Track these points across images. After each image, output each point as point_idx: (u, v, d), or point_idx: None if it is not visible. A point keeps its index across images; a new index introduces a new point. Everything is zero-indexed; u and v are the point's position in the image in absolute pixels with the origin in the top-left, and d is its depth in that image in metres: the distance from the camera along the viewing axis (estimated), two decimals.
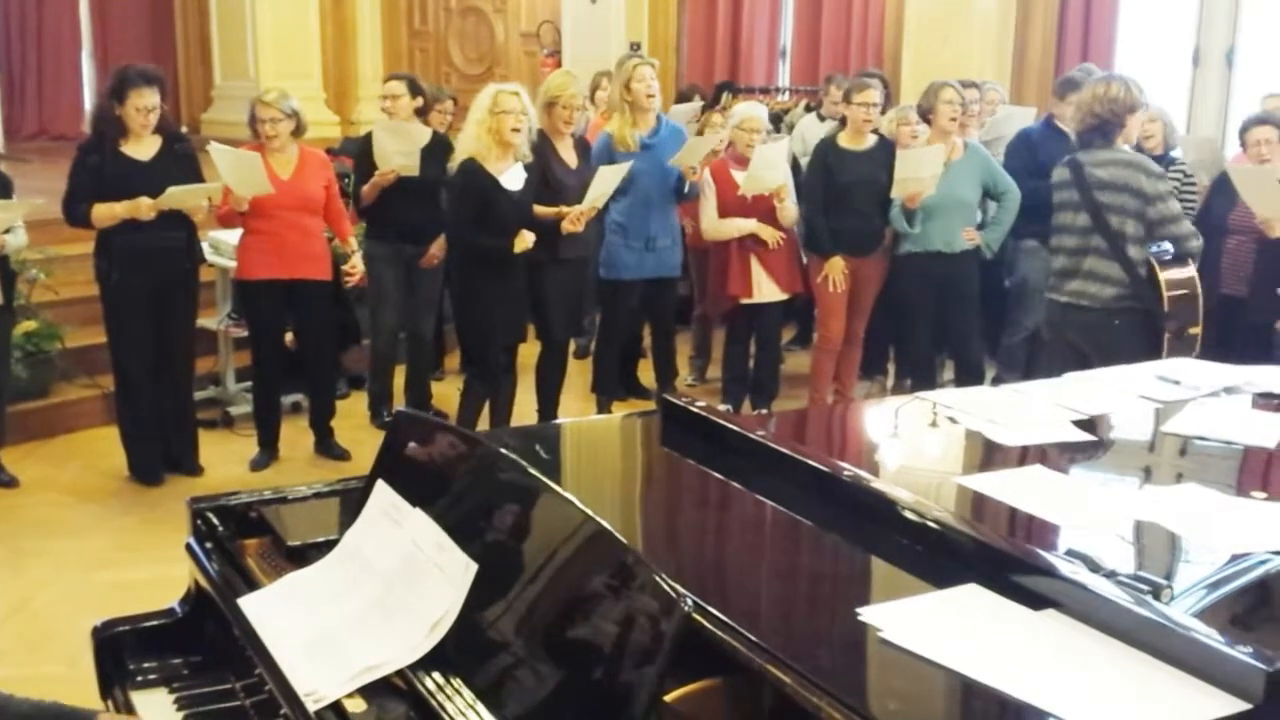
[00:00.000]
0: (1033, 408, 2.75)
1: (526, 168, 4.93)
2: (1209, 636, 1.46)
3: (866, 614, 1.63)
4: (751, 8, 8.88)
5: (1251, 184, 5.20)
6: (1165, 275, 4.33)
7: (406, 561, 1.86)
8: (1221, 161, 5.93)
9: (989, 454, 2.50)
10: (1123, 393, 2.89)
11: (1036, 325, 6.11)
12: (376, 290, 5.55)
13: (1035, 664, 1.50)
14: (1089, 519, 2.08)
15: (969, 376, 5.71)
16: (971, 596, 1.69)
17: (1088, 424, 2.65)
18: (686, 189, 5.61)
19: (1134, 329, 4.31)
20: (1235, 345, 5.07)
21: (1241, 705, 1.39)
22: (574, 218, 5.03)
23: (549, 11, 9.82)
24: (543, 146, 5.14)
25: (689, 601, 1.47)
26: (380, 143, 5.40)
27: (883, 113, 5.81)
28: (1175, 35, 7.81)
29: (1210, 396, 2.89)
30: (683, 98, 7.91)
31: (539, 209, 5.03)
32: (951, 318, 5.73)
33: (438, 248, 5.55)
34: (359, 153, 5.59)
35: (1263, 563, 1.94)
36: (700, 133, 6.33)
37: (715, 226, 5.69)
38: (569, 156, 5.29)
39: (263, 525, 2.27)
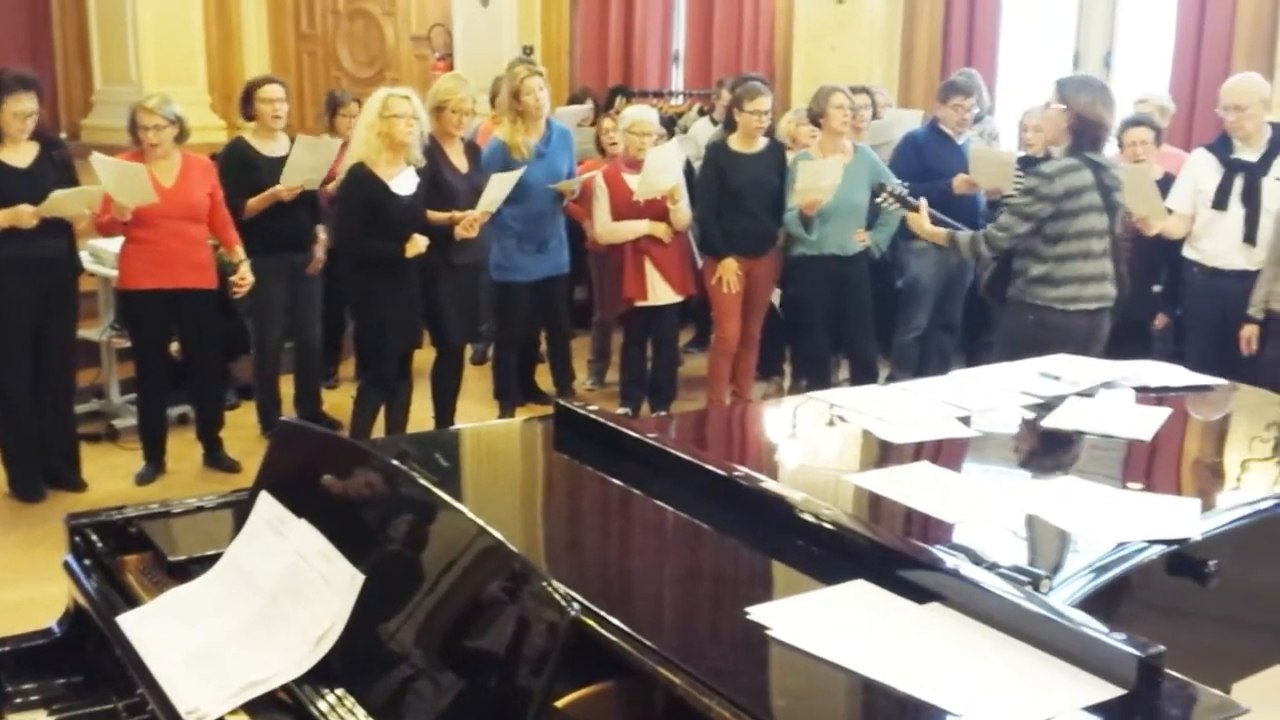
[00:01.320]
0: (920, 406, 2.80)
1: (419, 172, 4.89)
2: (1084, 625, 1.50)
3: (756, 613, 1.64)
4: (644, 12, 8.92)
5: (1129, 183, 5.36)
6: None
7: (291, 574, 1.83)
8: None
9: (878, 452, 2.54)
10: (1006, 389, 2.96)
11: (928, 324, 6.25)
12: (261, 302, 5.42)
13: (918, 657, 1.52)
14: (973, 513, 2.13)
15: (863, 376, 5.79)
16: (858, 592, 1.71)
17: (973, 420, 2.71)
18: (563, 204, 5.66)
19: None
20: (1115, 341, 5.23)
21: (1116, 691, 1.42)
22: (467, 223, 5.00)
23: (440, 14, 9.74)
24: (432, 151, 5.09)
25: (576, 607, 1.46)
26: (296, 157, 5.27)
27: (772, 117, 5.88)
28: (1056, 39, 8.04)
29: (1090, 391, 2.97)
30: (575, 101, 7.91)
31: (431, 214, 4.99)
32: (846, 318, 5.82)
33: (321, 251, 5.47)
34: (229, 162, 5.41)
35: (1139, 551, 2.00)
36: (597, 138, 6.34)
37: (609, 230, 5.70)
38: (459, 161, 5.25)
39: (144, 541, 2.21)
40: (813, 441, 2.77)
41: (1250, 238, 5.13)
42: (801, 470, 2.62)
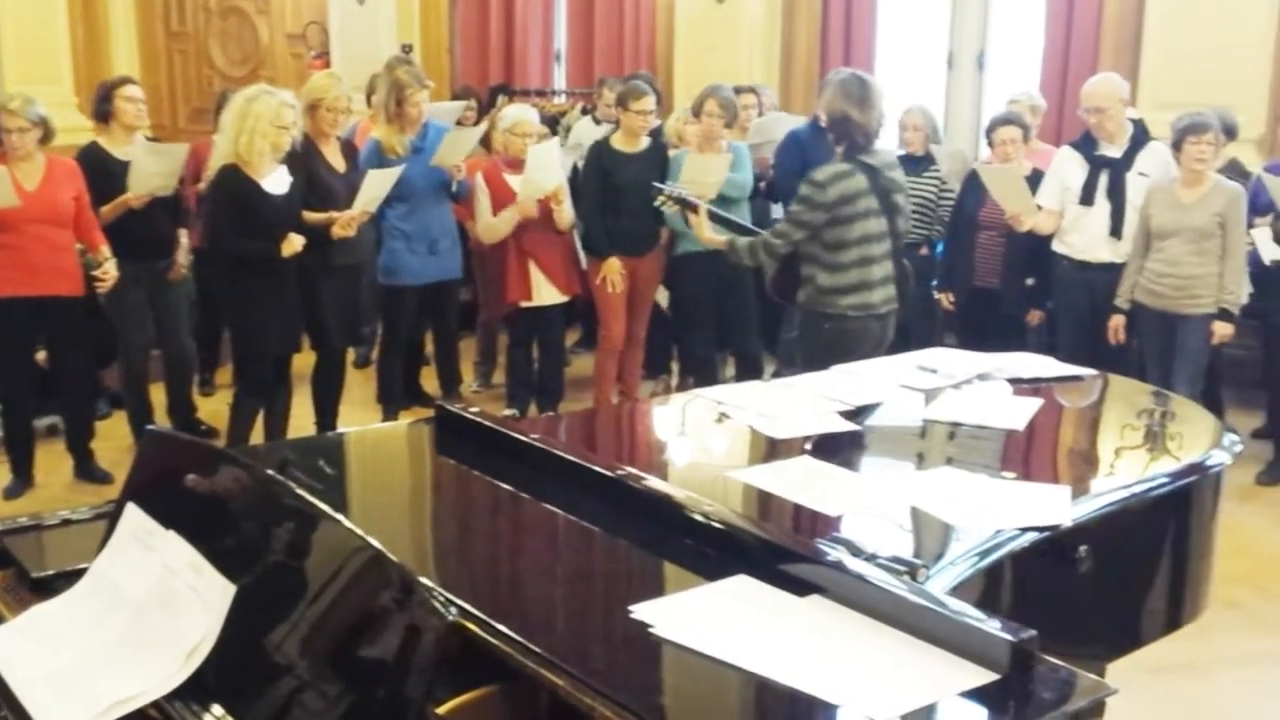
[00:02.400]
0: (801, 400, 2.83)
1: (292, 171, 4.79)
2: (959, 613, 1.52)
3: (639, 611, 1.63)
4: (524, 10, 8.86)
5: (999, 182, 5.51)
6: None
7: (160, 587, 1.77)
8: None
9: (761, 447, 2.56)
10: (885, 382, 3.01)
11: None
12: (121, 310, 5.24)
13: (798, 649, 1.53)
14: (853, 505, 2.16)
15: (749, 372, 5.84)
16: (740, 587, 1.71)
17: (853, 414, 2.75)
18: (455, 187, 5.55)
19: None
20: (990, 335, 5.36)
21: (991, 676, 1.45)
22: (344, 222, 4.91)
23: (315, 12, 9.55)
24: (308, 151, 4.99)
25: (454, 611, 1.44)
26: (140, 164, 5.10)
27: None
28: (930, 39, 8.21)
29: (966, 383, 3.04)
30: (457, 100, 7.83)
31: (308, 215, 4.88)
32: (731, 316, 5.86)
33: (183, 256, 5.33)
34: (87, 166, 5.21)
35: (1012, 539, 2.04)
36: (486, 137, 6.28)
37: (489, 226, 5.62)
38: (335, 160, 5.16)
39: (5, 556, 2.11)
40: (697, 439, 2.78)
41: (1116, 231, 5.31)
42: (686, 467, 2.63)
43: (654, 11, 8.35)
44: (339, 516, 1.67)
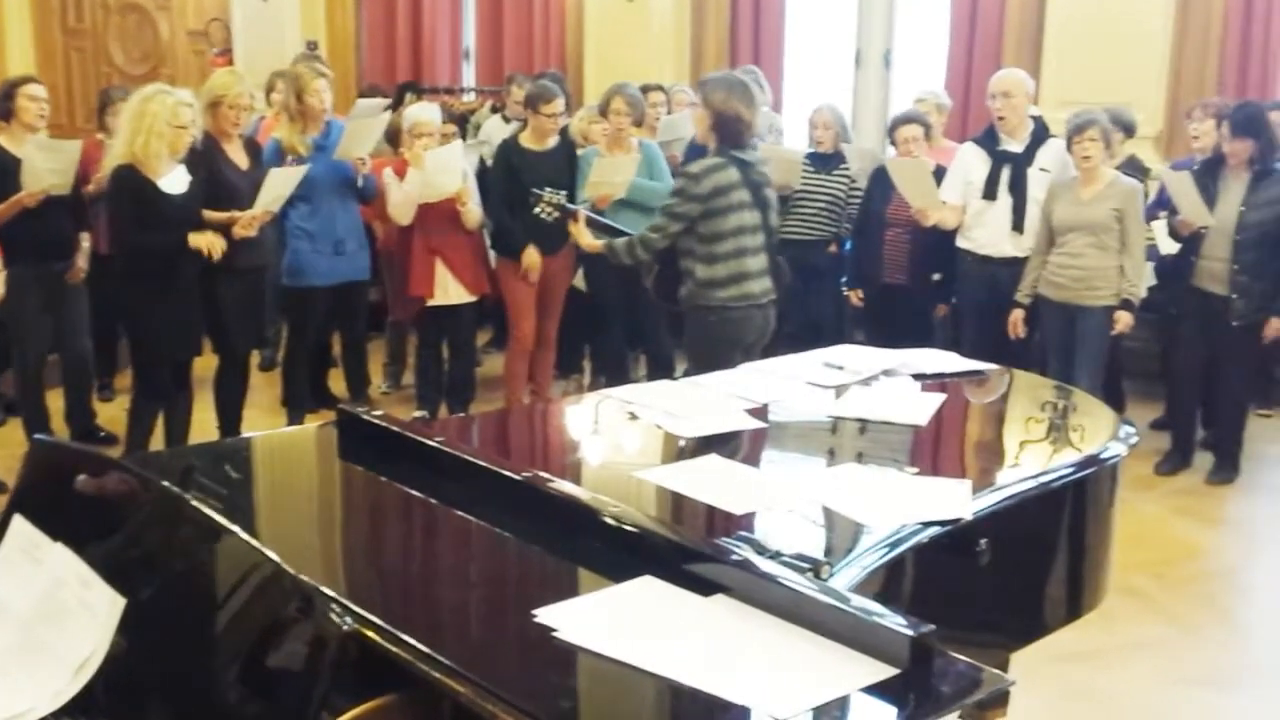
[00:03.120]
0: (709, 399, 2.83)
1: (192, 170, 4.69)
2: (860, 609, 1.53)
3: (543, 615, 1.62)
4: (432, 7, 8.77)
5: (906, 175, 5.58)
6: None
7: (47, 600, 1.71)
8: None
9: (669, 446, 2.56)
10: (792, 379, 3.02)
11: None
12: (17, 315, 5.08)
13: (702, 649, 1.53)
14: (759, 503, 2.16)
15: (660, 370, 5.85)
16: (645, 588, 1.71)
17: (760, 411, 2.76)
18: (361, 182, 5.47)
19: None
20: (899, 330, 5.43)
21: (891, 670, 1.46)
22: (245, 222, 4.81)
23: (218, 8, 9.36)
24: (210, 149, 4.89)
25: (349, 621, 1.41)
26: (32, 161, 4.95)
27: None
28: (838, 37, 8.30)
29: (871, 380, 3.06)
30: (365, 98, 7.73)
31: (209, 214, 4.78)
32: (642, 314, 5.86)
33: (84, 259, 5.20)
34: None
35: (915, 534, 2.06)
36: (391, 133, 6.20)
37: (398, 207, 5.50)
38: (239, 159, 5.05)
39: None
40: (605, 439, 2.77)
41: (1018, 226, 5.41)
42: (594, 468, 2.62)
43: (563, 9, 8.32)
44: (233, 526, 1.63)
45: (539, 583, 1.87)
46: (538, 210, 4.98)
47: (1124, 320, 5.11)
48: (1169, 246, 5.43)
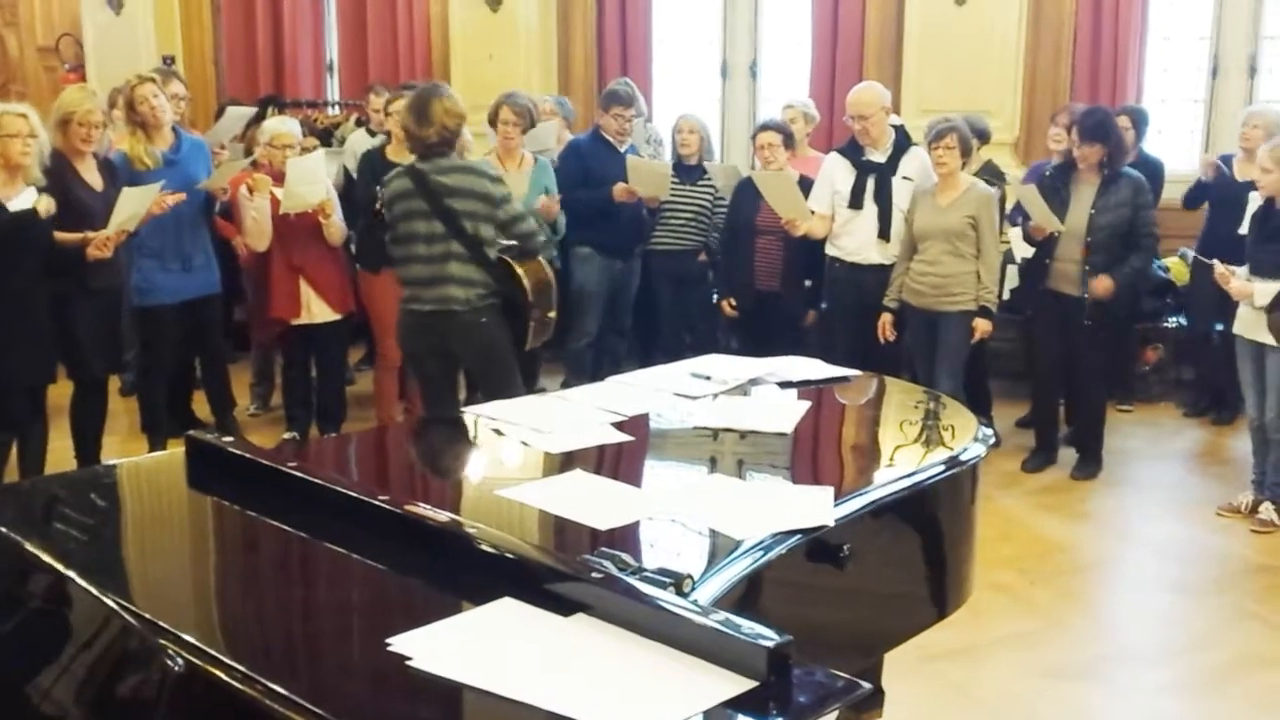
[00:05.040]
0: (575, 413, 2.80)
1: (42, 191, 4.50)
2: (718, 622, 1.52)
3: (397, 644, 1.57)
4: (293, 19, 8.59)
5: (773, 187, 5.65)
6: (521, 268, 4.42)
7: None
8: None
9: (533, 463, 2.52)
10: (658, 391, 3.01)
11: (599, 329, 6.34)
12: None
13: (561, 671, 1.50)
14: (623, 517, 2.14)
15: (535, 384, 5.81)
16: (503, 611, 1.67)
17: (627, 424, 2.74)
18: (217, 208, 5.35)
19: (499, 322, 4.41)
20: (772, 337, 5.48)
21: (750, 683, 1.45)
22: (99, 243, 4.65)
23: (68, 23, 9.04)
24: (61, 168, 4.71)
25: (180, 661, 1.34)
26: None
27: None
28: (705, 48, 8.37)
29: (737, 389, 3.07)
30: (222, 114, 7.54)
31: (60, 236, 4.61)
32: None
33: None
34: None
35: (779, 543, 2.06)
36: (248, 150, 6.06)
37: (252, 233, 5.40)
38: (92, 178, 4.88)
39: None
40: (472, 457, 2.73)
41: (884, 234, 5.51)
42: (459, 487, 2.57)
43: (428, 20, 8.24)
44: (68, 571, 1.55)
45: (394, 610, 1.82)
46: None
47: (981, 327, 5.24)
48: (1025, 251, 5.58)
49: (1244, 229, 5.07)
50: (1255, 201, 4.99)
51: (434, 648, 1.56)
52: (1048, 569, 4.60)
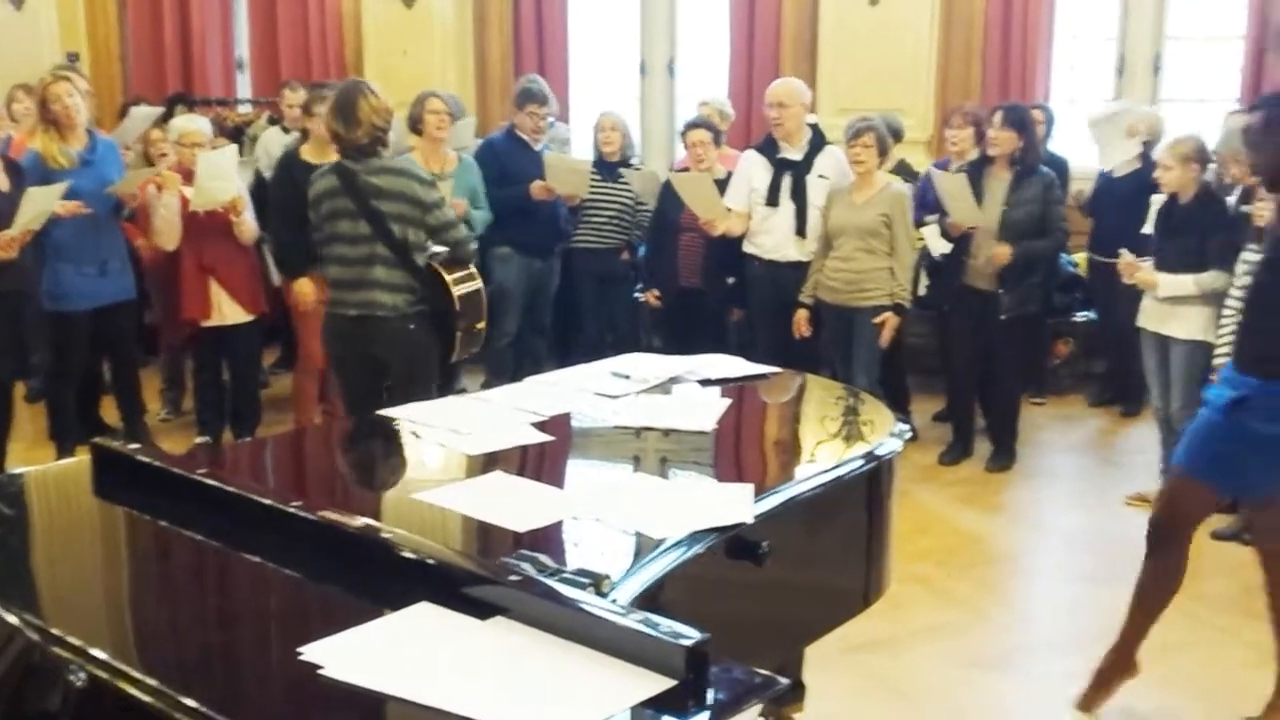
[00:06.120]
0: (494, 414, 2.78)
1: None
2: (636, 622, 1.51)
3: (309, 652, 1.54)
4: (201, 15, 8.43)
5: (691, 189, 5.67)
6: (450, 276, 4.32)
7: None
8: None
9: (451, 465, 2.50)
10: (579, 391, 3.00)
11: (519, 329, 6.31)
12: None
13: (479, 675, 1.49)
14: (543, 518, 2.12)
15: (456, 385, 5.75)
16: (420, 616, 1.65)
17: (547, 425, 2.72)
18: (127, 212, 5.23)
19: (428, 330, 4.28)
20: (695, 334, 5.50)
21: (669, 682, 1.44)
22: (4, 243, 4.53)
23: None
24: None
25: (83, 675, 1.31)
26: None
27: None
28: (623, 46, 8.37)
29: (658, 387, 3.07)
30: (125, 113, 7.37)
31: None
32: None
33: None
34: None
35: (698, 541, 2.06)
36: (144, 151, 5.93)
37: (162, 232, 5.29)
38: None
39: None
40: (390, 460, 2.70)
41: (801, 231, 5.56)
42: (376, 490, 2.54)
43: (340, 16, 8.13)
44: None
45: (307, 617, 1.79)
46: None
47: (890, 322, 5.30)
48: (941, 247, 5.65)
49: (1149, 228, 5.18)
50: (1159, 200, 5.11)
51: (346, 655, 1.53)
52: (965, 560, 4.67)
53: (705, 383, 3.16)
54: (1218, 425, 3.19)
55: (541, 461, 2.57)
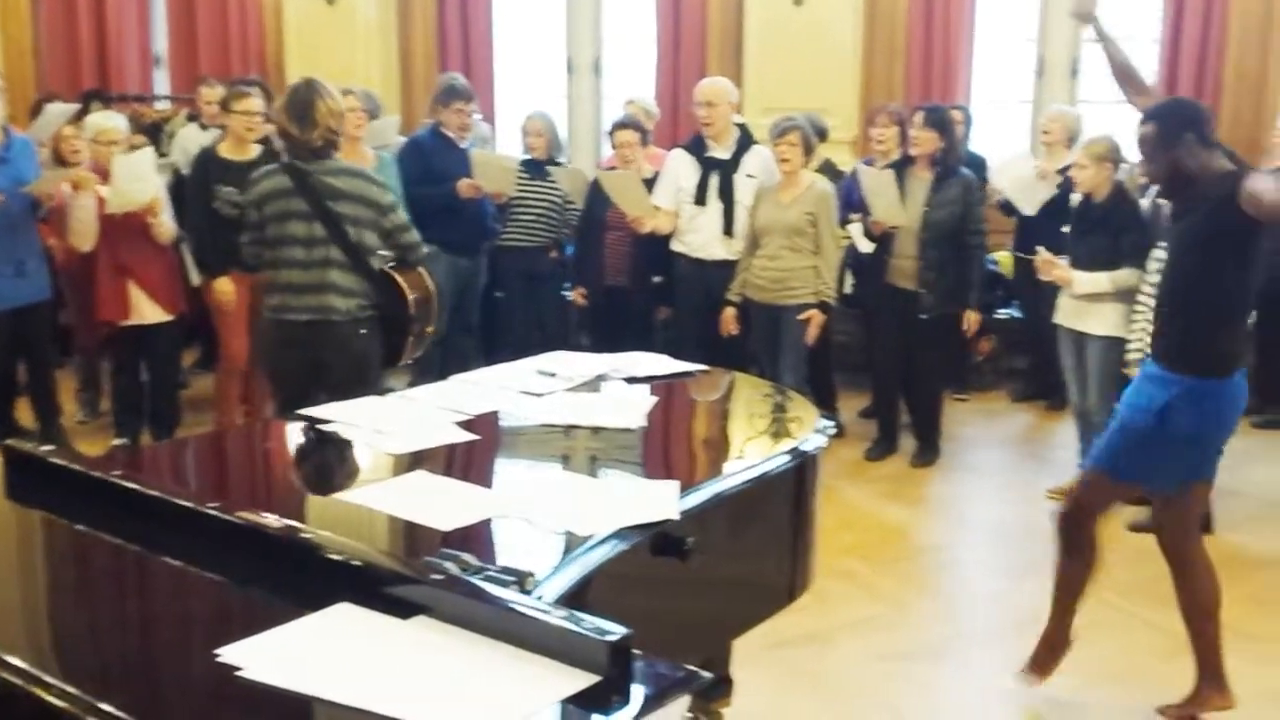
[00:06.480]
0: (418, 413, 2.76)
1: None
2: (559, 619, 1.51)
3: (227, 654, 1.52)
4: (117, 9, 8.24)
5: (618, 187, 5.68)
6: (404, 280, 4.22)
7: None
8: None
9: (374, 465, 2.47)
10: (504, 389, 2.98)
11: (447, 328, 6.25)
12: None
13: (400, 675, 1.47)
14: (468, 517, 2.11)
15: (382, 385, 5.69)
16: (341, 616, 1.63)
17: (472, 423, 2.71)
18: (42, 212, 5.12)
19: (375, 334, 4.15)
20: (623, 333, 5.51)
21: (593, 678, 1.44)
22: None
23: None
24: None
25: None
26: None
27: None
28: (549, 44, 8.35)
29: (584, 385, 3.06)
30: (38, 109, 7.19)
31: None
32: None
33: None
34: None
35: (624, 538, 2.06)
36: (54, 150, 5.80)
37: (79, 233, 5.17)
38: None
39: None
40: (312, 460, 2.66)
41: (729, 230, 5.59)
42: (297, 491, 2.51)
43: (260, 11, 8.02)
44: None
45: (227, 619, 1.76)
46: (217, 206, 4.78)
47: (816, 321, 5.35)
48: (866, 246, 5.71)
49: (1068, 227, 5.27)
50: (1075, 198, 5.20)
51: (265, 657, 1.51)
52: (890, 555, 4.72)
53: (632, 380, 3.15)
54: (1148, 429, 3.25)
55: (467, 460, 2.56)
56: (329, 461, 2.63)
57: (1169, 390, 3.22)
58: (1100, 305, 4.88)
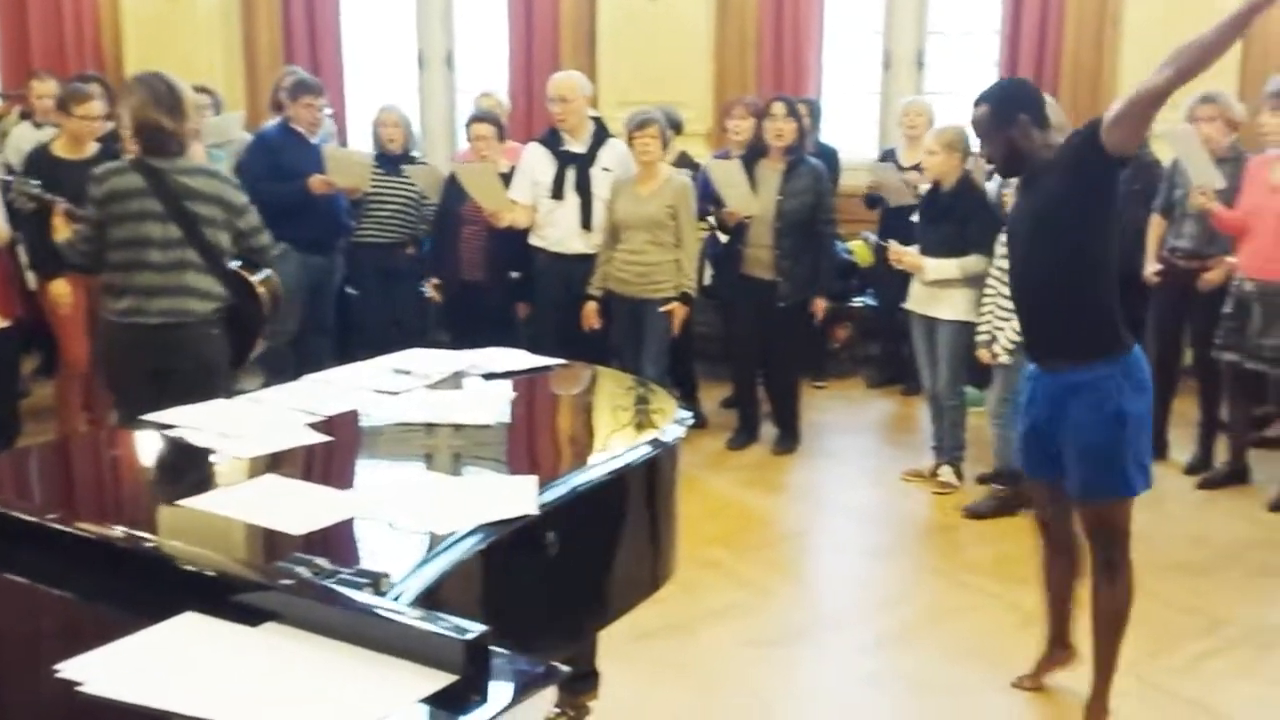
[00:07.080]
0: (267, 415, 2.68)
1: None
2: (413, 620, 1.48)
3: (67, 669, 1.45)
4: None
5: (475, 181, 5.63)
6: (255, 279, 4.14)
7: None
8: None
9: (221, 470, 2.40)
10: (358, 389, 2.93)
11: (300, 328, 6.12)
12: None
13: (248, 683, 1.43)
14: (319, 520, 2.06)
15: (234, 387, 5.54)
16: (186, 626, 1.57)
17: (325, 424, 2.64)
18: None
19: (224, 335, 4.04)
20: (481, 328, 5.45)
21: (450, 677, 1.42)
22: None
23: None
24: None
25: None
26: None
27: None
28: (399, 38, 8.23)
29: (440, 383, 3.02)
30: None
31: None
32: None
33: None
34: None
35: (483, 535, 2.04)
36: None
37: None
38: None
39: None
40: (155, 466, 2.57)
41: (586, 224, 5.58)
42: (143, 499, 2.42)
43: (96, 6, 7.71)
44: None
45: (66, 634, 1.68)
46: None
47: (679, 313, 5.39)
48: (722, 236, 5.77)
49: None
50: (923, 185, 5.34)
51: (106, 671, 1.46)
52: (753, 542, 4.78)
53: (492, 376, 3.12)
54: (1114, 435, 3.13)
55: (318, 462, 2.49)
56: (178, 468, 2.54)
57: (1104, 386, 3.09)
58: (950, 291, 5.01)
